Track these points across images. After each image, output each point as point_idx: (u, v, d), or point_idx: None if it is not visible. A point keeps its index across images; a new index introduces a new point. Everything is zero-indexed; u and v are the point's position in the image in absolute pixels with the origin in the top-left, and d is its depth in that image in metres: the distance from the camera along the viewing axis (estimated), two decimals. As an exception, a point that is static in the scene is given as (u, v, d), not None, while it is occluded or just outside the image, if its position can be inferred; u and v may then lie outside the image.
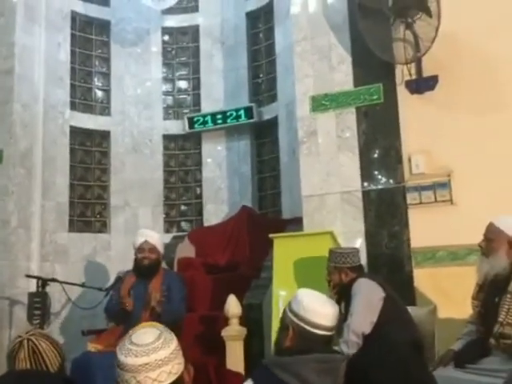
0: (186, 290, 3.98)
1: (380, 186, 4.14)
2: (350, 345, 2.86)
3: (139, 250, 3.91)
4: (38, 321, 4.65)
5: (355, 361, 1.26)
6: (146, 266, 3.88)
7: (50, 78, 5.75)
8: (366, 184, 4.18)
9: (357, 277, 3.10)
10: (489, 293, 2.73)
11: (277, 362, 1.86)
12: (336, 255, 3.18)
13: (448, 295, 3.57)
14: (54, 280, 4.40)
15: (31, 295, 4.85)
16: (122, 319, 3.75)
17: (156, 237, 3.98)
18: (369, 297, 2.97)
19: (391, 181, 4.12)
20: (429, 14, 3.90)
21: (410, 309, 3.20)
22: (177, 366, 1.40)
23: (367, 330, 2.88)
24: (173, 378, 1.38)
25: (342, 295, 3.19)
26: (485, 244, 2.78)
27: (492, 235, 2.75)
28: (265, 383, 1.80)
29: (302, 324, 1.94)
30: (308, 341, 1.93)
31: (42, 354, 1.87)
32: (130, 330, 1.60)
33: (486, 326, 2.68)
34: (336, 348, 2.91)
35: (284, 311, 2.04)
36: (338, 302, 3.20)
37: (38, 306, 4.66)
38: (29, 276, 4.60)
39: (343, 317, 3.14)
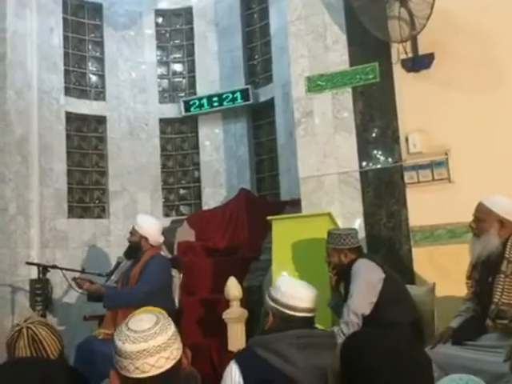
0: (158, 274, 3.76)
1: (377, 166, 4.13)
2: (350, 325, 2.88)
3: None
4: (40, 307, 4.68)
5: (347, 342, 1.27)
6: (128, 247, 3.92)
7: (43, 64, 5.70)
8: (363, 164, 4.17)
9: (356, 258, 3.11)
10: (482, 273, 2.74)
11: (258, 340, 1.97)
12: (335, 236, 3.18)
13: (447, 273, 3.59)
14: (54, 267, 4.41)
15: (33, 282, 4.88)
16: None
17: (141, 221, 3.92)
18: (368, 277, 2.98)
19: (389, 160, 4.11)
20: (424, -10, 3.85)
21: (409, 287, 3.22)
22: (175, 352, 1.41)
23: (367, 310, 2.90)
24: (171, 363, 1.39)
25: (342, 276, 3.21)
26: (476, 224, 2.78)
27: (482, 215, 2.75)
28: (247, 363, 1.88)
29: (281, 308, 2.07)
30: (287, 322, 2.04)
31: (42, 341, 1.88)
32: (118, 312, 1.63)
33: (481, 305, 2.70)
34: (335, 328, 2.94)
35: (265, 299, 2.16)
36: (338, 283, 3.24)
37: (40, 292, 4.70)
38: (29, 263, 4.61)
39: (343, 298, 3.17)
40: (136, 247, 3.88)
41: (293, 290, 2.09)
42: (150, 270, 3.73)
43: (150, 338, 1.37)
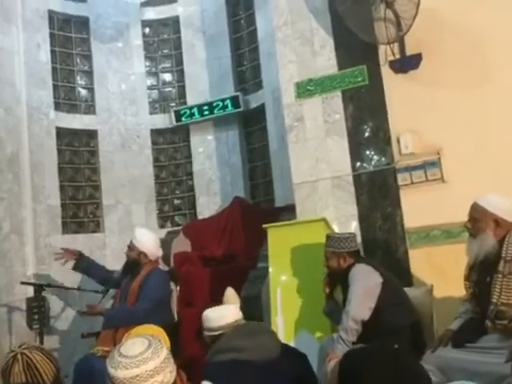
0: (158, 289, 3.76)
1: (370, 169, 4.12)
2: (349, 332, 2.86)
3: None
4: (37, 326, 4.64)
5: (345, 362, 1.25)
6: (126, 263, 3.92)
7: (31, 80, 5.68)
8: (356, 167, 4.16)
9: (354, 262, 3.10)
10: (480, 273, 2.73)
11: (212, 351, 2.25)
12: (334, 240, 3.16)
13: (444, 274, 3.57)
14: (49, 285, 4.39)
15: (29, 300, 4.84)
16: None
17: (139, 236, 3.92)
18: (366, 283, 2.97)
19: (381, 162, 4.11)
20: (409, -9, 3.85)
21: (407, 290, 3.21)
22: (169, 375, 1.39)
23: (366, 316, 2.89)
24: None
25: (338, 281, 3.20)
26: (471, 224, 2.77)
27: (478, 215, 2.73)
28: (217, 372, 2.03)
29: (216, 333, 2.45)
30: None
31: (37, 366, 1.86)
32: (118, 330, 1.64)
33: (480, 306, 2.68)
34: (334, 335, 2.93)
35: (204, 335, 2.57)
36: (332, 290, 3.22)
37: (37, 311, 4.66)
38: (24, 283, 4.58)
39: (341, 303, 3.15)
40: (134, 263, 3.86)
41: (214, 313, 2.51)
42: (150, 286, 3.73)
43: (142, 363, 1.35)
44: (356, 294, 2.94)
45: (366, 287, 2.96)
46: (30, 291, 4.78)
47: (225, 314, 2.50)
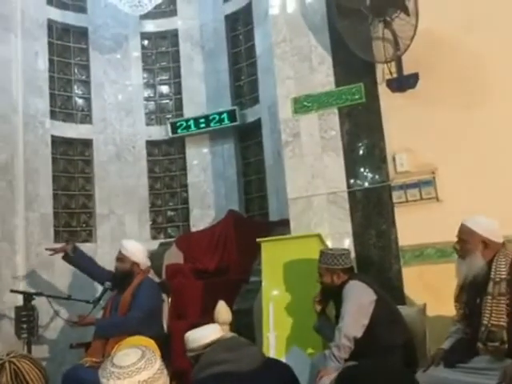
0: (150, 298, 3.75)
1: (365, 186, 4.14)
2: (341, 349, 2.85)
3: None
4: (25, 335, 4.59)
5: (340, 380, 1.25)
6: (115, 276, 3.88)
7: (28, 88, 5.67)
8: (351, 184, 4.17)
9: (348, 278, 3.09)
10: (470, 294, 2.73)
11: (199, 369, 2.28)
12: (328, 257, 3.14)
13: (437, 293, 3.56)
14: (39, 294, 4.34)
15: (18, 309, 4.79)
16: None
17: (129, 247, 3.90)
18: (360, 300, 2.96)
19: (376, 180, 4.12)
20: (406, 12, 3.89)
21: (400, 308, 3.20)
22: None
23: (359, 333, 2.88)
24: None
25: (332, 296, 3.18)
26: (460, 245, 2.77)
27: (465, 236, 2.74)
28: None
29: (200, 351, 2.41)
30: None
31: (25, 375, 1.82)
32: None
33: (471, 327, 2.68)
34: (326, 352, 2.91)
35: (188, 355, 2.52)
36: (324, 308, 3.22)
37: (25, 319, 4.61)
38: (13, 291, 4.53)
39: (334, 319, 3.14)
40: (127, 274, 3.83)
41: (195, 334, 2.49)
42: (143, 294, 3.71)
43: (136, 373, 1.33)
44: (349, 311, 2.93)
45: (359, 304, 2.95)
46: (19, 300, 4.73)
47: (205, 334, 2.49)
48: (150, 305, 3.70)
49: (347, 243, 4.06)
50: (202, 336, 2.48)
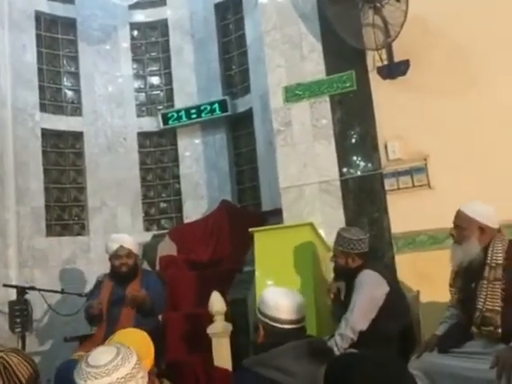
0: (164, 287, 3.91)
1: (357, 174, 4.13)
2: (344, 339, 2.85)
3: (115, 256, 3.79)
4: (19, 329, 4.57)
5: (331, 368, 1.24)
6: (125, 273, 3.79)
7: (17, 81, 5.62)
8: (343, 172, 4.16)
9: (363, 263, 3.05)
10: (465, 279, 2.74)
11: (256, 360, 1.94)
12: (345, 240, 3.09)
13: (430, 279, 3.57)
14: (32, 288, 4.32)
15: (11, 303, 4.76)
16: (98, 322, 3.70)
17: (130, 241, 3.88)
18: (372, 292, 2.92)
19: (368, 167, 4.11)
20: (397, -2, 3.87)
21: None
22: (141, 381, 1.36)
23: (364, 327, 2.86)
24: None
25: (344, 278, 3.15)
26: (456, 232, 2.78)
27: (462, 223, 2.74)
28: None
29: (267, 320, 2.05)
30: (277, 335, 2.01)
31: (14, 369, 1.80)
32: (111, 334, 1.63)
33: (466, 312, 2.69)
34: (332, 340, 2.90)
35: (255, 312, 2.15)
36: (336, 299, 3.20)
37: (19, 314, 4.59)
38: (6, 285, 4.51)
39: (343, 304, 3.09)
40: (135, 269, 3.82)
41: (274, 302, 2.07)
42: (158, 285, 3.84)
43: (113, 371, 1.32)
44: (360, 303, 2.89)
45: (371, 297, 2.90)
46: (12, 294, 4.71)
47: (288, 309, 2.06)
48: (164, 295, 3.82)
49: (340, 232, 4.05)
50: (279, 309, 2.04)
